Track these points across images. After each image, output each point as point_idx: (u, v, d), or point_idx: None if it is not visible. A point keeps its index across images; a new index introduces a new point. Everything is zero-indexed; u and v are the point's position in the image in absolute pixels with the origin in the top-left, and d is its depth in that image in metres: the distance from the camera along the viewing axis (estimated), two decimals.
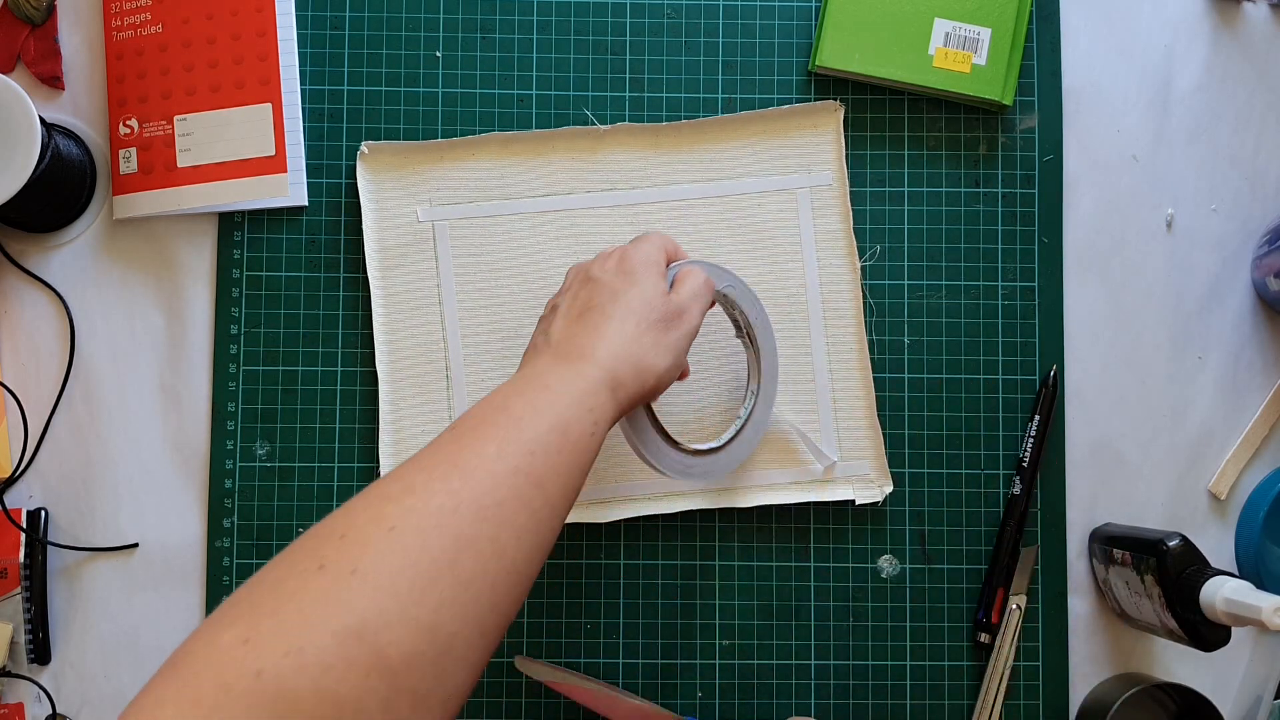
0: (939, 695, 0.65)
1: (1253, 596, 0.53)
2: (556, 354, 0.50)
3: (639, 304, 0.52)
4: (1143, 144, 0.68)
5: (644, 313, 0.52)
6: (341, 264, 0.67)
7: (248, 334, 0.66)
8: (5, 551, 0.64)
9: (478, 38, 0.68)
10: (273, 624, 0.35)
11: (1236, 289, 0.68)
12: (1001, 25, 0.66)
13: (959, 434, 0.66)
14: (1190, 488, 0.67)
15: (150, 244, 0.67)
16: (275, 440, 0.66)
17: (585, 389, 0.48)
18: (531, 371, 0.49)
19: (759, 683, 0.65)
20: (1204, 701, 0.60)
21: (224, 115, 0.66)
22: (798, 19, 0.68)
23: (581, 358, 0.49)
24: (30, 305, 0.67)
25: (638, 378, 0.50)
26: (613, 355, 0.50)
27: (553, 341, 0.51)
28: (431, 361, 0.66)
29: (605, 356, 0.49)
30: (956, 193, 0.67)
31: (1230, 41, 0.68)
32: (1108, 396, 0.67)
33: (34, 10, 0.67)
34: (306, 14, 0.68)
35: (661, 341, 0.52)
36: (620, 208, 0.66)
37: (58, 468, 0.66)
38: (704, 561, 0.66)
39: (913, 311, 0.67)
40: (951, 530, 0.66)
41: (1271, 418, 0.67)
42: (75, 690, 0.65)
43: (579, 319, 0.52)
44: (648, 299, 0.52)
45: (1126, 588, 0.61)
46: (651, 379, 0.51)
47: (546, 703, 0.65)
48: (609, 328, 0.51)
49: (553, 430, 0.45)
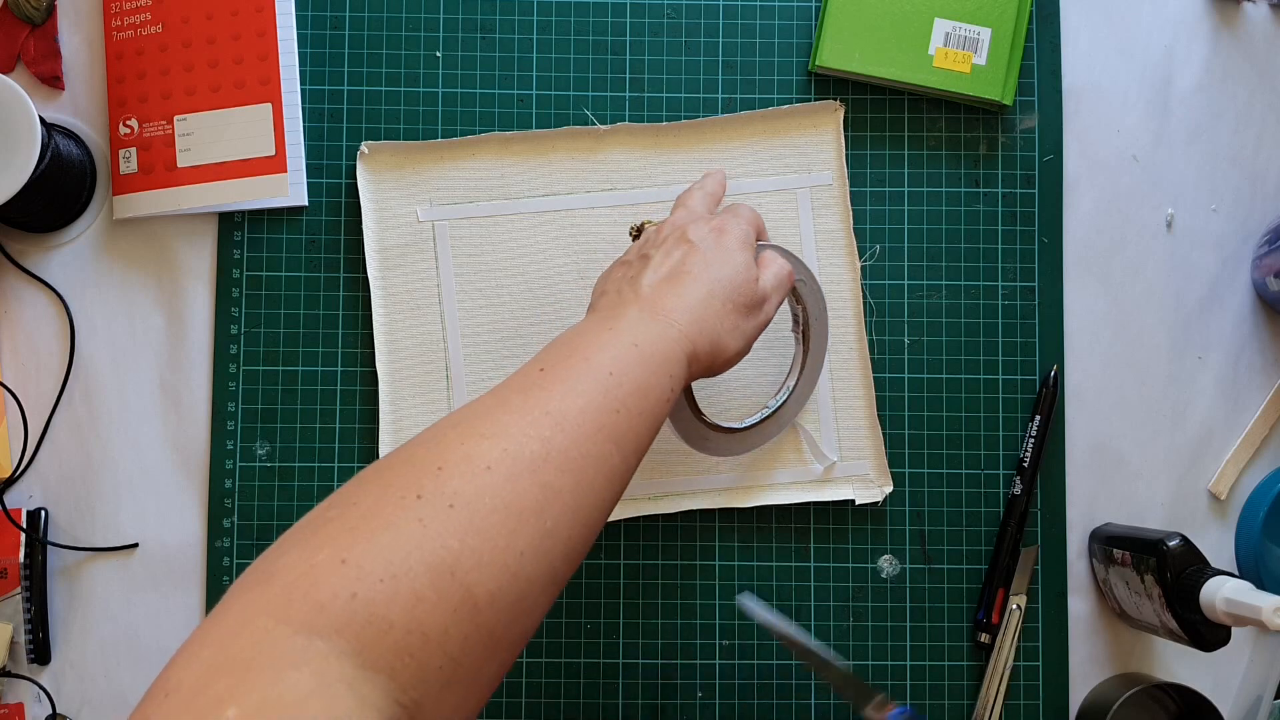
0: (939, 695, 0.65)
1: (1253, 596, 0.53)
2: (645, 309, 0.49)
3: (729, 282, 0.51)
4: (1143, 144, 0.68)
5: (732, 293, 0.51)
6: (341, 264, 0.67)
7: (248, 334, 0.66)
8: (5, 551, 0.64)
9: (478, 38, 0.68)
10: (369, 548, 0.35)
11: (1236, 289, 0.68)
12: (1001, 25, 0.66)
13: (959, 434, 0.66)
14: (1190, 488, 0.67)
15: (150, 244, 0.67)
16: (275, 440, 0.66)
17: (669, 355, 0.47)
18: (618, 322, 0.48)
19: (759, 683, 0.65)
20: (1204, 701, 0.60)
21: (224, 115, 0.66)
22: (798, 19, 0.68)
23: (669, 322, 0.48)
24: (30, 305, 0.67)
25: (710, 355, 0.50)
26: (697, 327, 0.49)
27: (643, 295, 0.50)
28: (431, 361, 0.66)
29: (690, 326, 0.49)
30: (956, 193, 0.67)
31: (1230, 41, 0.68)
32: (1108, 396, 0.67)
33: (34, 10, 0.67)
34: (306, 14, 0.68)
35: (740, 326, 0.51)
36: (621, 208, 0.66)
37: (58, 468, 0.66)
38: (704, 561, 0.66)
39: (913, 311, 0.67)
40: (951, 530, 0.66)
41: (1271, 418, 0.67)
42: (75, 690, 0.65)
43: (671, 279, 0.51)
44: (739, 280, 0.51)
45: (1126, 588, 0.61)
46: (721, 360, 0.51)
47: (547, 703, 0.65)
48: (699, 299, 0.50)
49: (636, 392, 0.44)
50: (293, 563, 0.35)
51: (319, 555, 0.35)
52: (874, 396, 0.66)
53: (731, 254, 0.52)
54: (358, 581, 0.34)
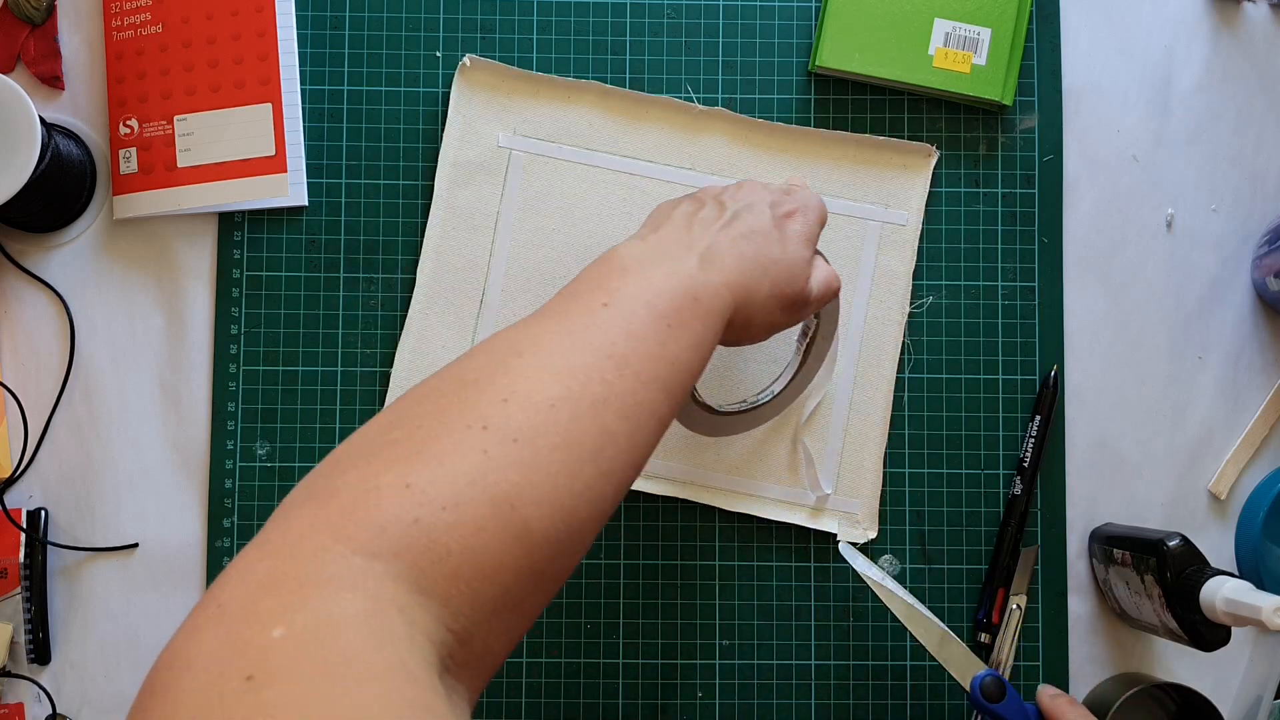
0: (939, 695, 0.65)
1: (1252, 597, 0.53)
2: (707, 262, 0.48)
3: (786, 273, 0.51)
4: (1143, 144, 0.68)
5: (783, 284, 0.50)
6: (341, 264, 0.67)
7: (248, 334, 0.67)
8: (5, 551, 0.64)
9: (478, 38, 0.68)
10: (434, 475, 0.35)
11: (1236, 289, 0.68)
12: (1001, 25, 0.66)
13: (959, 434, 0.66)
14: (1190, 488, 0.67)
15: (150, 244, 0.67)
16: (275, 440, 0.66)
17: (720, 315, 0.47)
18: (681, 266, 0.47)
19: (759, 683, 0.65)
20: (1204, 701, 0.60)
21: (224, 115, 0.66)
22: (798, 19, 0.68)
23: (725, 280, 0.48)
24: (30, 305, 0.67)
25: (737, 331, 0.50)
26: (745, 299, 0.48)
27: (710, 245, 0.49)
28: (471, 282, 0.66)
29: (740, 296, 0.48)
30: (956, 193, 0.67)
31: (1230, 41, 0.68)
32: (1108, 396, 0.67)
33: (34, 10, 0.67)
34: (306, 14, 0.68)
35: (773, 316, 0.51)
36: (694, 189, 0.65)
37: (58, 468, 0.66)
38: (704, 561, 0.66)
39: (913, 311, 0.67)
40: (951, 530, 0.66)
41: (1271, 418, 0.67)
42: (75, 690, 0.65)
43: (739, 242, 0.50)
44: (794, 274, 0.51)
45: (1126, 588, 0.61)
46: (744, 337, 0.51)
47: (547, 703, 0.65)
48: (755, 275, 0.49)
49: (690, 346, 0.45)
50: (354, 481, 0.35)
51: (383, 477, 0.35)
52: (886, 440, 0.65)
53: (797, 246, 0.52)
54: (421, 507, 0.34)
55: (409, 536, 0.33)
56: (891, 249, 0.66)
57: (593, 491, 0.39)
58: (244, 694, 0.28)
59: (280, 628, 0.30)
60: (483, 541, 0.35)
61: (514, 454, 0.37)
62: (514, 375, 0.39)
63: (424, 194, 0.67)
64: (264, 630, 0.30)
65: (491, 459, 0.36)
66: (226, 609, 0.31)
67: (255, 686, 0.28)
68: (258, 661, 0.29)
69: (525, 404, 0.38)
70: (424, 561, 0.33)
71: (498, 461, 0.36)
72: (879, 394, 0.66)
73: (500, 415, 0.37)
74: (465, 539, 0.34)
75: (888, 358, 0.66)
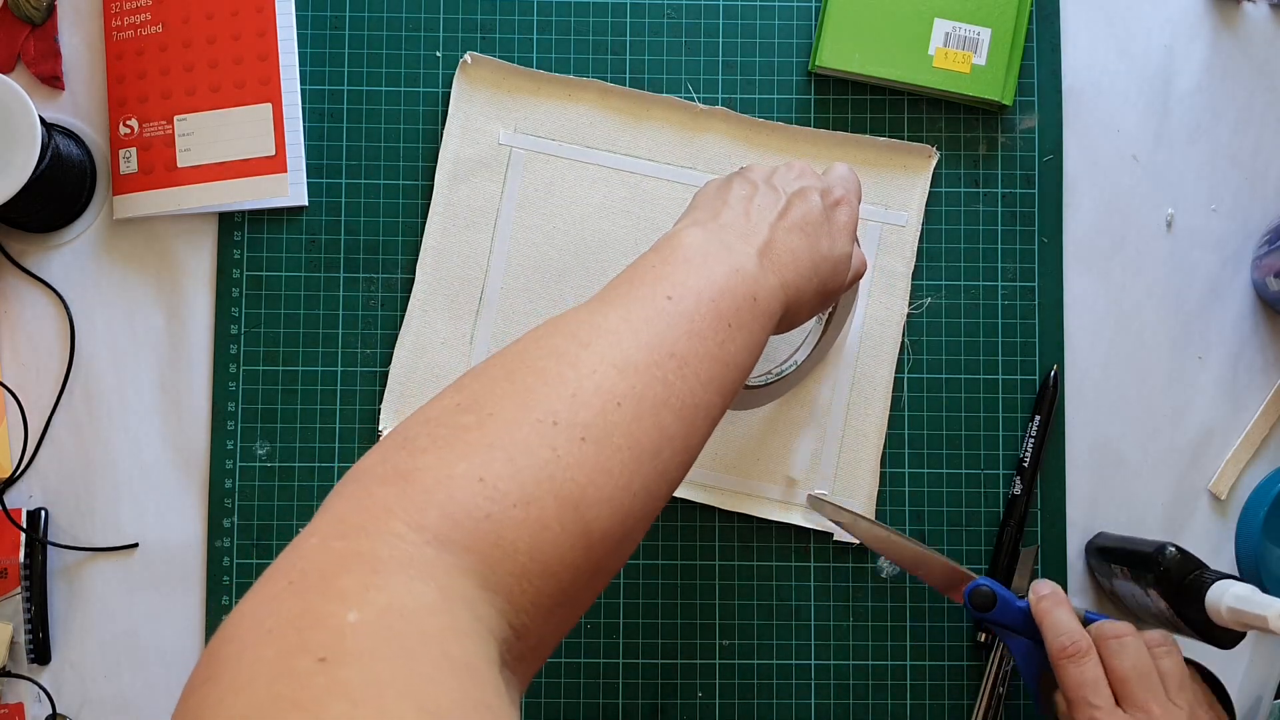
0: (939, 695, 0.65)
1: (1258, 602, 0.53)
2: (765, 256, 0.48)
3: (832, 267, 0.51)
4: (1143, 144, 0.68)
5: (828, 277, 0.51)
6: (341, 264, 0.67)
7: (248, 334, 0.67)
8: (5, 551, 0.64)
9: (478, 38, 0.68)
10: (506, 470, 0.35)
11: (1236, 289, 0.68)
12: (1001, 25, 0.66)
13: (959, 434, 0.66)
14: (1190, 488, 0.67)
15: (150, 244, 0.67)
16: (275, 440, 0.66)
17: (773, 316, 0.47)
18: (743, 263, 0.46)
19: (759, 683, 0.65)
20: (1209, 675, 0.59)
21: (224, 115, 0.66)
22: (798, 19, 0.68)
23: (780, 281, 0.47)
24: (30, 305, 0.67)
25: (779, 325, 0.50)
26: (795, 298, 0.48)
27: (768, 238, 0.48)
28: (470, 279, 0.66)
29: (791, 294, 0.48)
30: (956, 193, 0.67)
31: (1230, 41, 0.68)
32: (1108, 396, 0.67)
33: (34, 10, 0.67)
34: (306, 14, 0.68)
35: (813, 308, 0.51)
36: (695, 187, 0.66)
37: (58, 468, 0.66)
38: (704, 561, 0.66)
39: (912, 310, 0.67)
40: (951, 530, 0.66)
41: (1271, 418, 0.67)
42: (75, 690, 0.65)
43: (794, 233, 0.49)
44: (839, 268, 0.51)
45: (1134, 599, 0.61)
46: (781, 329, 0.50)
47: (547, 703, 0.65)
48: (807, 269, 0.49)
49: (744, 349, 0.45)
50: (430, 466, 0.35)
51: (457, 467, 0.35)
52: (883, 440, 0.65)
53: (844, 240, 0.52)
54: (493, 503, 0.34)
55: (480, 532, 0.34)
56: (891, 249, 0.66)
57: (648, 492, 0.39)
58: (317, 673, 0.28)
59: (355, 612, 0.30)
60: (548, 540, 0.35)
61: (582, 453, 0.37)
62: (583, 369, 0.39)
63: (424, 194, 0.67)
64: (339, 613, 0.30)
65: (560, 457, 0.36)
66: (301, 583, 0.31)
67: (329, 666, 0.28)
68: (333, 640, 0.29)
69: (592, 401, 0.38)
70: (493, 558, 0.34)
71: (566, 460, 0.36)
72: (877, 394, 0.66)
73: (569, 411, 0.38)
74: (532, 537, 0.35)
75: (887, 358, 0.66)
